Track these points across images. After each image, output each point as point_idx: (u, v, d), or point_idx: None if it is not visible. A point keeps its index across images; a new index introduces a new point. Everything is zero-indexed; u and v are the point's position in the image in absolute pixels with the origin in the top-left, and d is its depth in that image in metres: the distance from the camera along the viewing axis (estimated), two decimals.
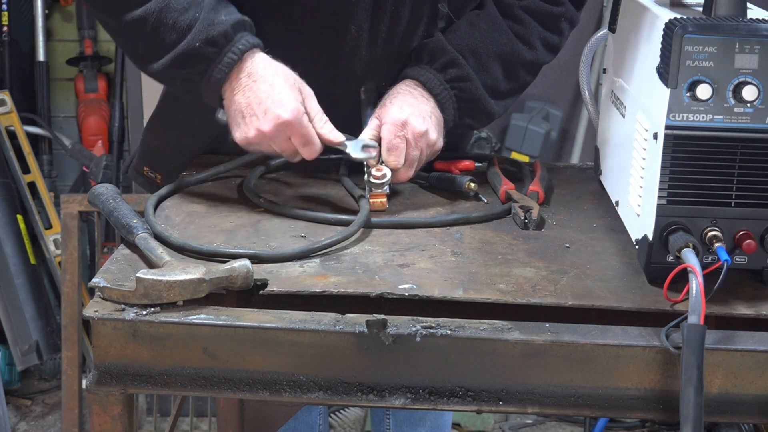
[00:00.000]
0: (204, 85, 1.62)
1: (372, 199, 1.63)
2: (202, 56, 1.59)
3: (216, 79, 1.60)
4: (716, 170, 1.34)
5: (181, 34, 1.59)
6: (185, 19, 1.59)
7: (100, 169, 3.47)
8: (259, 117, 1.58)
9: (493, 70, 1.78)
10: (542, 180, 1.73)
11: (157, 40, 1.60)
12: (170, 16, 1.59)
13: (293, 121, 1.57)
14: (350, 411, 3.28)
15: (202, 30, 1.58)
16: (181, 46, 1.59)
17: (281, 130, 1.58)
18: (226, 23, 1.59)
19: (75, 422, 3.20)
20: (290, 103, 1.58)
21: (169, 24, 1.59)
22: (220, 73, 1.59)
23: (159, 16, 1.59)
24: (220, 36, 1.58)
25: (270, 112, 1.57)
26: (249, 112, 1.59)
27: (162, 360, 1.30)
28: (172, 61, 1.60)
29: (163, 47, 1.60)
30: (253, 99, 1.58)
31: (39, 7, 3.56)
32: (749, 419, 1.31)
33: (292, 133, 1.58)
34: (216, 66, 1.59)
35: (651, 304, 1.35)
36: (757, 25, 1.30)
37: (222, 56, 1.59)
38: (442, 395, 1.30)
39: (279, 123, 1.57)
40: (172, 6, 1.59)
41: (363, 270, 1.42)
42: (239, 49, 1.59)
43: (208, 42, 1.58)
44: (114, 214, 1.53)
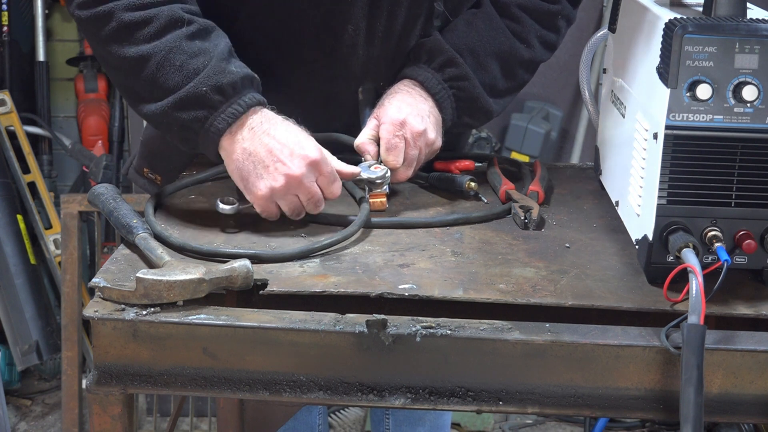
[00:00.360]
0: (203, 133, 1.54)
1: (372, 199, 1.63)
2: (207, 102, 1.52)
3: (217, 129, 1.52)
4: (716, 170, 1.34)
5: (187, 77, 1.52)
6: (194, 63, 1.52)
7: (100, 169, 3.47)
8: (286, 162, 1.50)
9: (491, 68, 1.78)
10: (542, 180, 1.73)
11: (160, 80, 1.53)
12: (179, 58, 1.52)
13: (321, 159, 1.52)
14: (350, 411, 3.28)
15: (211, 76, 1.52)
16: (186, 88, 1.52)
17: (311, 170, 1.51)
18: (237, 75, 1.53)
19: (75, 422, 3.20)
20: (312, 143, 1.53)
21: (176, 65, 1.52)
22: (222, 122, 1.52)
23: (167, 56, 1.52)
24: (228, 86, 1.52)
25: (296, 154, 1.51)
26: (272, 159, 1.51)
27: (162, 360, 1.30)
28: (174, 103, 1.53)
29: (164, 88, 1.53)
30: (274, 144, 1.51)
31: (39, 7, 3.56)
32: (749, 419, 1.31)
33: (321, 173, 1.52)
34: (219, 115, 1.52)
35: (651, 304, 1.35)
36: (757, 25, 1.30)
37: (227, 106, 1.52)
38: (442, 395, 1.30)
39: (309, 162, 1.51)
40: (182, 48, 1.53)
41: (363, 270, 1.42)
42: (245, 102, 1.53)
43: (215, 89, 1.51)
44: (114, 214, 1.53)
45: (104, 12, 1.53)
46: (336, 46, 1.73)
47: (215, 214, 1.61)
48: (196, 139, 1.55)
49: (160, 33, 1.53)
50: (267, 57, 1.71)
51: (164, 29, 1.53)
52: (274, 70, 1.71)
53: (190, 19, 1.55)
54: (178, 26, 1.54)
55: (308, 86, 1.76)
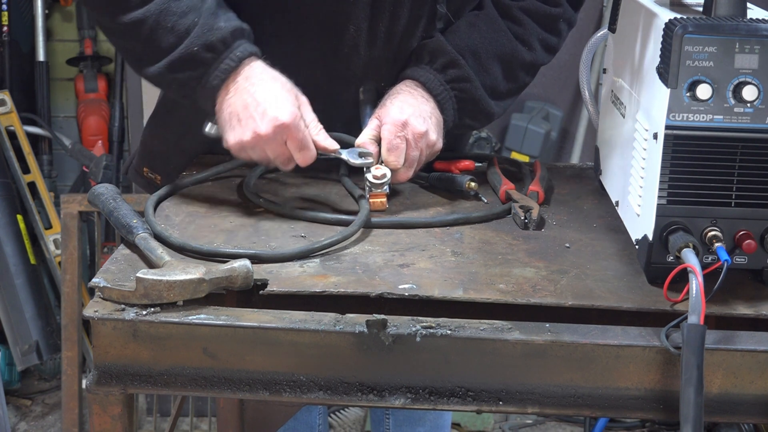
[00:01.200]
0: (200, 90, 1.60)
1: (372, 199, 1.63)
2: (200, 61, 1.58)
3: (212, 85, 1.59)
4: (716, 170, 1.34)
5: (179, 37, 1.58)
6: (184, 23, 1.58)
7: (100, 169, 3.47)
8: (256, 119, 1.56)
9: (492, 70, 1.78)
10: (542, 180, 1.73)
11: (155, 43, 1.59)
12: (169, 19, 1.58)
13: (291, 124, 1.56)
14: (350, 411, 3.28)
15: (200, 35, 1.57)
16: (178, 50, 1.58)
17: (278, 133, 1.56)
18: (225, 29, 1.59)
19: (75, 422, 3.20)
20: (288, 107, 1.57)
21: (168, 27, 1.58)
22: (216, 79, 1.58)
23: (158, 19, 1.58)
24: (218, 42, 1.58)
25: (267, 115, 1.56)
26: (245, 114, 1.57)
27: (162, 360, 1.30)
28: (169, 64, 1.59)
29: (160, 50, 1.59)
30: (250, 101, 1.57)
31: (39, 7, 3.56)
32: (749, 419, 1.31)
33: (289, 137, 1.57)
34: (213, 72, 1.58)
35: (651, 304, 1.35)
36: (757, 25, 1.30)
37: (219, 62, 1.58)
38: (442, 395, 1.30)
39: (277, 125, 1.56)
40: (171, 9, 1.58)
41: (363, 270, 1.42)
42: (237, 56, 1.59)
43: (206, 47, 1.57)
44: (114, 214, 1.53)
45: None
46: (337, 46, 1.73)
47: (215, 214, 1.61)
48: (195, 95, 1.62)
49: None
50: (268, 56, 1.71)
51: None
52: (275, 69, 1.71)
53: None
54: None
55: (309, 86, 1.76)
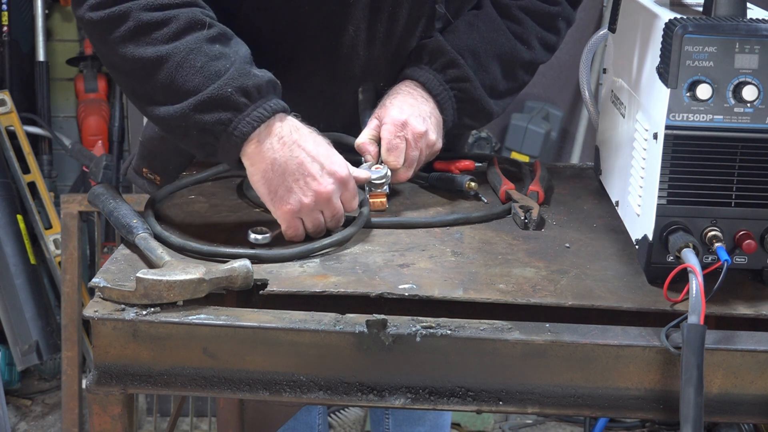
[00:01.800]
0: (225, 137, 1.47)
1: (372, 199, 1.64)
2: (231, 105, 1.46)
3: (241, 132, 1.46)
4: (716, 170, 1.34)
5: (209, 79, 1.46)
6: (216, 65, 1.47)
7: (100, 169, 3.46)
8: (317, 176, 1.47)
9: (492, 70, 1.78)
10: (542, 180, 1.73)
11: (178, 82, 1.47)
12: (200, 59, 1.47)
13: (348, 176, 1.51)
14: (350, 411, 3.28)
15: (235, 78, 1.46)
16: (209, 90, 1.45)
17: (339, 187, 1.50)
18: (262, 78, 1.49)
19: (75, 422, 3.20)
20: (340, 159, 1.51)
21: (197, 66, 1.46)
22: (247, 126, 1.46)
23: (187, 57, 1.47)
24: (253, 88, 1.47)
25: (327, 170, 1.48)
26: (302, 173, 1.47)
27: (162, 360, 1.30)
28: (195, 105, 1.46)
29: (183, 90, 1.47)
30: (304, 157, 1.47)
31: (39, 7, 3.56)
32: (749, 419, 1.31)
33: (346, 188, 1.51)
34: (244, 119, 1.46)
35: (651, 304, 1.35)
36: (757, 25, 1.30)
37: (252, 109, 1.47)
38: (442, 395, 1.30)
39: (338, 179, 1.49)
40: (203, 50, 1.48)
41: (363, 270, 1.42)
42: (271, 107, 1.48)
43: (240, 91, 1.46)
44: (114, 214, 1.52)
45: (120, 12, 1.49)
46: (336, 46, 1.73)
47: (215, 214, 1.61)
48: (216, 143, 1.49)
49: (179, 34, 1.48)
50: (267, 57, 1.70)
51: (184, 30, 1.49)
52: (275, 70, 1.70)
53: (210, 23, 1.51)
54: (198, 28, 1.50)
55: (308, 86, 1.76)
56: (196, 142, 1.51)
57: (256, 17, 1.69)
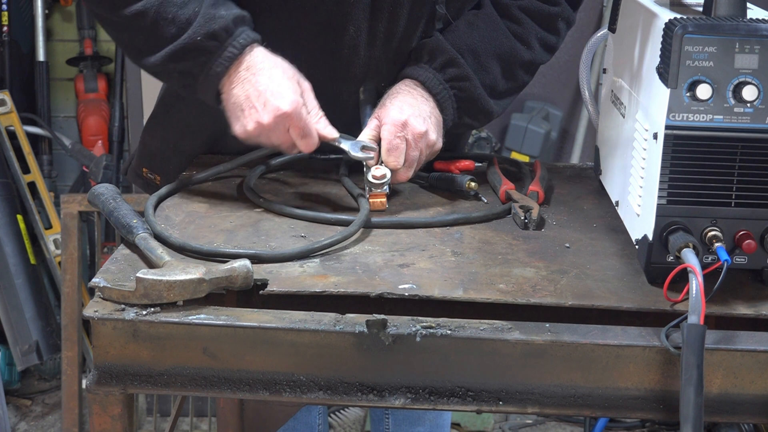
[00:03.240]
0: (202, 78, 1.62)
1: (372, 199, 1.64)
2: (203, 50, 1.60)
3: (216, 72, 1.60)
4: (716, 170, 1.34)
5: (181, 27, 1.59)
6: (185, 13, 1.60)
7: (100, 169, 3.47)
8: (258, 109, 1.59)
9: (491, 69, 1.78)
10: (542, 180, 1.73)
11: (156, 34, 1.61)
12: (170, 10, 1.60)
13: (292, 113, 1.58)
14: (350, 411, 3.28)
15: (203, 24, 1.59)
16: (181, 39, 1.59)
17: (280, 122, 1.59)
18: (227, 18, 1.60)
19: (75, 422, 3.20)
20: (289, 95, 1.59)
21: (169, 18, 1.60)
22: (220, 66, 1.60)
23: (158, 10, 1.60)
24: (221, 30, 1.59)
25: (269, 104, 1.58)
26: (248, 105, 1.59)
27: (162, 360, 1.30)
28: (171, 54, 1.61)
29: (161, 41, 1.61)
30: (252, 91, 1.59)
31: (39, 7, 3.56)
32: (749, 419, 1.31)
33: (291, 125, 1.60)
34: (216, 59, 1.60)
35: (651, 304, 1.35)
36: (757, 25, 1.30)
37: (223, 50, 1.59)
38: (442, 395, 1.30)
39: (278, 115, 1.58)
40: (171, 0, 1.60)
41: (363, 270, 1.42)
42: (240, 43, 1.60)
43: (209, 36, 1.59)
44: (114, 214, 1.53)
45: None
46: (337, 46, 1.73)
47: (215, 214, 1.61)
48: (195, 84, 1.63)
49: None
50: None
51: None
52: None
53: None
54: None
55: None
56: (179, 84, 1.68)
57: (257, 18, 1.69)
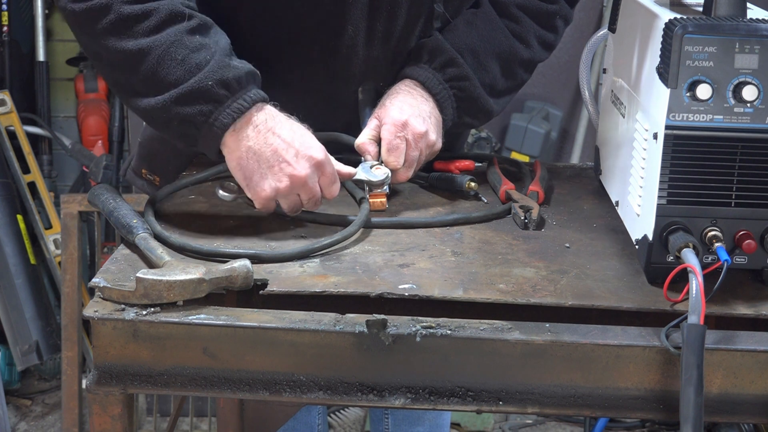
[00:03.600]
0: (205, 128, 1.51)
1: (371, 199, 1.64)
2: (212, 97, 1.49)
3: (222, 123, 1.50)
4: (716, 170, 1.34)
5: (189, 71, 1.49)
6: (197, 57, 1.50)
7: (100, 169, 3.47)
8: (291, 162, 1.50)
9: (491, 68, 1.78)
10: (542, 180, 1.73)
11: (160, 74, 1.49)
12: (180, 52, 1.49)
13: (325, 160, 1.53)
14: (350, 411, 3.28)
15: (215, 71, 1.49)
16: (189, 83, 1.49)
17: (315, 171, 1.52)
18: (241, 70, 1.52)
19: (75, 422, 3.20)
20: (317, 143, 1.53)
21: (178, 59, 1.49)
22: (227, 117, 1.50)
23: (168, 50, 1.49)
24: (233, 80, 1.50)
25: (302, 155, 1.51)
26: (276, 159, 1.50)
27: (162, 360, 1.30)
28: (177, 98, 1.49)
29: (165, 83, 1.50)
30: (279, 144, 1.50)
31: (39, 7, 3.56)
32: (749, 419, 1.31)
33: (323, 173, 1.53)
34: (224, 110, 1.50)
35: (651, 304, 1.35)
36: (757, 25, 1.30)
37: (233, 101, 1.50)
38: (442, 395, 1.30)
39: (314, 164, 1.51)
40: (184, 42, 1.50)
41: (363, 270, 1.42)
42: (250, 97, 1.51)
43: (221, 83, 1.49)
44: (114, 214, 1.53)
45: (101, 5, 1.50)
46: (335, 46, 1.73)
47: (215, 214, 1.61)
48: (197, 134, 1.52)
49: (160, 27, 1.50)
50: (266, 56, 1.71)
51: (164, 23, 1.51)
52: (274, 70, 1.71)
53: (190, 14, 1.53)
54: (178, 20, 1.52)
55: (308, 86, 1.76)
56: (177, 133, 1.54)
57: (255, 17, 1.69)
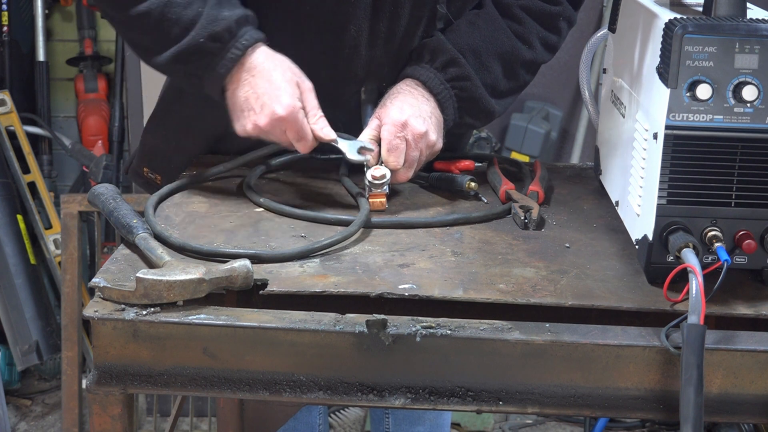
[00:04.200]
0: (207, 79, 1.64)
1: (371, 199, 1.64)
2: (206, 52, 1.61)
3: (219, 74, 1.62)
4: (716, 170, 1.34)
5: (185, 29, 1.60)
6: (188, 14, 1.60)
7: (100, 169, 3.47)
8: (256, 111, 1.61)
9: (493, 69, 1.78)
10: (542, 180, 1.73)
11: (162, 34, 1.62)
12: (173, 11, 1.60)
13: (287, 116, 1.60)
14: (350, 411, 3.28)
15: (205, 26, 1.60)
16: (185, 41, 1.60)
17: (276, 125, 1.61)
18: (230, 19, 1.61)
19: (75, 422, 3.20)
20: (285, 99, 1.61)
21: (173, 19, 1.60)
22: (223, 68, 1.61)
23: (162, 11, 1.60)
24: (224, 32, 1.60)
25: (266, 108, 1.60)
26: (247, 107, 1.62)
27: (162, 360, 1.30)
28: (176, 55, 1.62)
29: (167, 41, 1.62)
30: (251, 94, 1.62)
31: (39, 7, 3.56)
32: (749, 419, 1.31)
33: (287, 128, 1.62)
34: (220, 61, 1.61)
35: (651, 304, 1.35)
36: (757, 25, 1.30)
37: (226, 52, 1.61)
38: (442, 395, 1.30)
39: (274, 119, 1.60)
40: (175, 1, 1.61)
41: (363, 270, 1.42)
42: (242, 44, 1.61)
43: (211, 38, 1.60)
44: (114, 214, 1.53)
45: None
46: (338, 46, 1.73)
47: (215, 214, 1.61)
48: (201, 83, 1.65)
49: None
50: None
51: None
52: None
53: None
54: None
55: None
56: (187, 83, 1.71)
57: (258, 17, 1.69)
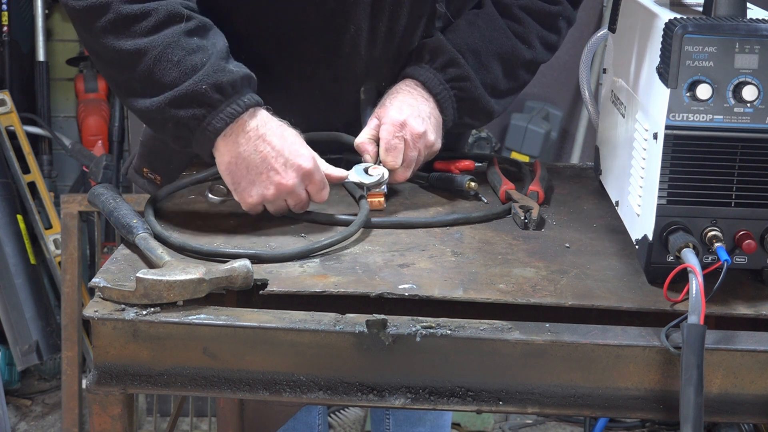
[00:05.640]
0: (199, 132, 1.51)
1: (369, 198, 1.64)
2: (206, 101, 1.49)
3: (215, 128, 1.50)
4: (716, 170, 1.34)
5: (185, 73, 1.49)
6: (192, 59, 1.50)
7: (100, 169, 3.47)
8: (279, 170, 1.52)
9: (492, 69, 1.78)
10: (542, 180, 1.73)
11: (156, 75, 1.50)
12: (177, 53, 1.50)
13: (313, 169, 1.54)
14: (350, 411, 3.28)
15: (210, 74, 1.49)
16: (184, 85, 1.49)
17: (303, 179, 1.54)
18: (236, 74, 1.52)
19: (75, 422, 3.20)
20: (306, 152, 1.54)
21: (174, 61, 1.49)
22: (220, 122, 1.50)
23: (164, 51, 1.49)
24: (227, 85, 1.50)
25: (290, 164, 1.52)
26: (265, 167, 1.51)
27: (162, 360, 1.30)
28: (171, 100, 1.50)
29: (161, 84, 1.50)
30: (268, 152, 1.51)
31: (39, 7, 3.56)
32: (749, 419, 1.31)
33: (311, 181, 1.54)
34: (217, 114, 1.50)
35: (651, 304, 1.35)
36: (757, 25, 1.30)
37: (226, 105, 1.50)
38: (442, 395, 1.30)
39: (302, 173, 1.53)
40: (180, 44, 1.50)
41: (363, 270, 1.42)
42: (244, 102, 1.52)
43: (215, 87, 1.49)
44: (114, 214, 1.53)
45: (101, 3, 1.50)
46: (338, 46, 1.73)
47: (215, 214, 1.61)
48: (191, 137, 1.53)
49: (158, 27, 1.51)
50: (268, 56, 1.71)
51: (162, 24, 1.51)
52: (276, 70, 1.71)
53: (189, 15, 1.53)
54: (176, 21, 1.52)
55: (310, 86, 1.76)
56: (172, 135, 1.55)
57: (257, 17, 1.69)
